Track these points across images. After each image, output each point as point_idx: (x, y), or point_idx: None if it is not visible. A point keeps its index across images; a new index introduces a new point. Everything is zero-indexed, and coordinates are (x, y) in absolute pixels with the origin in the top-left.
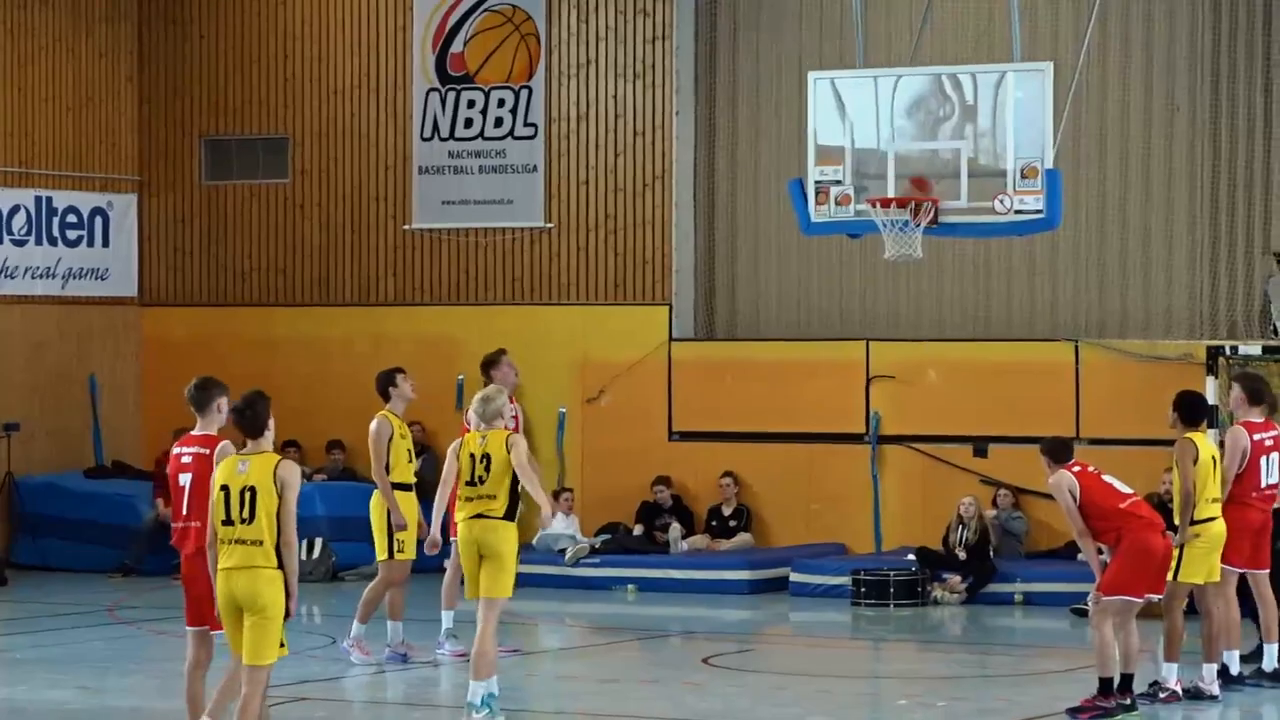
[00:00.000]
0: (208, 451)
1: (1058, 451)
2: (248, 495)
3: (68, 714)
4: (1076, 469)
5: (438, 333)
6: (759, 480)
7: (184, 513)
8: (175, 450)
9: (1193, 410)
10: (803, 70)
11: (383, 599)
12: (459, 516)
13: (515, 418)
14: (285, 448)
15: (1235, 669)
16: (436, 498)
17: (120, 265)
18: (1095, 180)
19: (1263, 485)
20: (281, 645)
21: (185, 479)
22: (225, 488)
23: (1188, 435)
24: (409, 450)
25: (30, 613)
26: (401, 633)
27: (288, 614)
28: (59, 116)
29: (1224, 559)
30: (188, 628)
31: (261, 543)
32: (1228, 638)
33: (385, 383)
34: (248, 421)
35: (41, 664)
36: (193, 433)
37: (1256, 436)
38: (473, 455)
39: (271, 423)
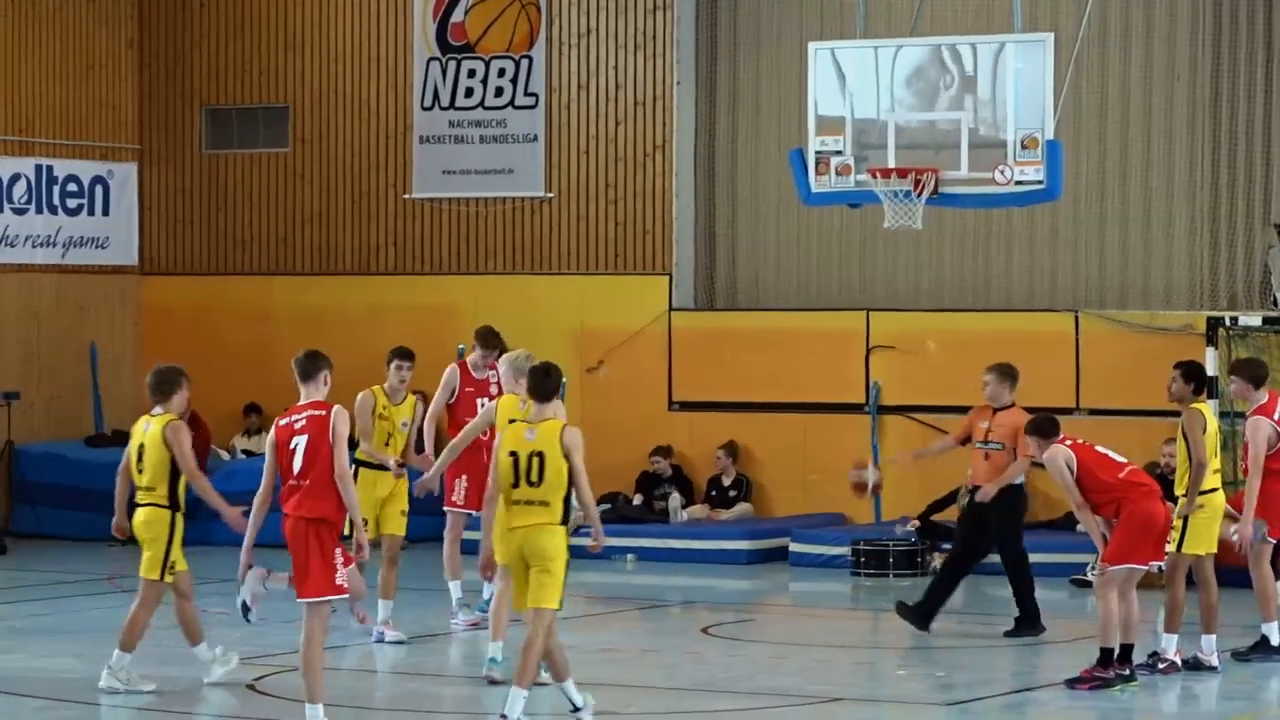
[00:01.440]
0: (323, 413)
1: (1046, 429)
2: (536, 460)
3: (66, 682)
4: (1069, 443)
5: (438, 302)
6: (759, 450)
7: (295, 473)
8: (283, 421)
9: (1201, 380)
10: (803, 40)
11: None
12: None
13: (497, 384)
14: None
15: (1276, 639)
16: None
17: (120, 234)
18: (1095, 151)
19: None
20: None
21: (297, 441)
22: (514, 454)
23: (1194, 405)
24: (389, 434)
25: (29, 581)
26: (387, 611)
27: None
28: (59, 85)
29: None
30: (302, 600)
31: (548, 503)
32: (1266, 609)
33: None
34: (543, 385)
35: (40, 633)
36: (300, 403)
37: (1275, 416)
38: (514, 420)
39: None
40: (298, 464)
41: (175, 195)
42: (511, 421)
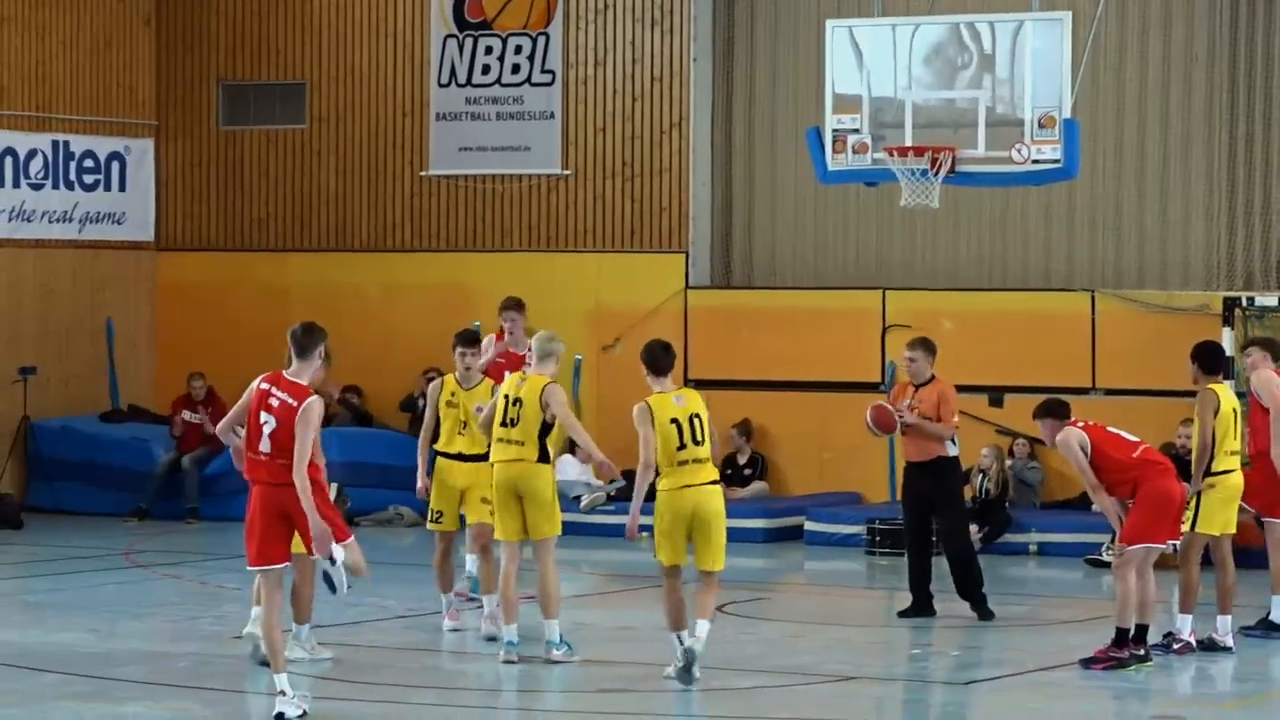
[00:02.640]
0: (295, 404)
1: (1058, 410)
2: (696, 422)
3: (81, 657)
4: (1081, 425)
5: (454, 279)
6: (774, 429)
7: (264, 450)
8: (264, 386)
9: (1212, 360)
10: (821, 18)
11: (446, 564)
12: (493, 459)
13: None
14: None
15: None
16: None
17: (137, 210)
18: (1113, 130)
19: None
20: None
21: (267, 420)
22: (675, 420)
23: (1209, 386)
24: (462, 420)
25: (45, 556)
26: (490, 605)
27: None
28: (77, 60)
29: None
30: (255, 567)
31: (709, 460)
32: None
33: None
34: (662, 361)
35: (56, 607)
36: (286, 375)
37: None
38: (507, 396)
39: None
40: (265, 443)
41: (192, 171)
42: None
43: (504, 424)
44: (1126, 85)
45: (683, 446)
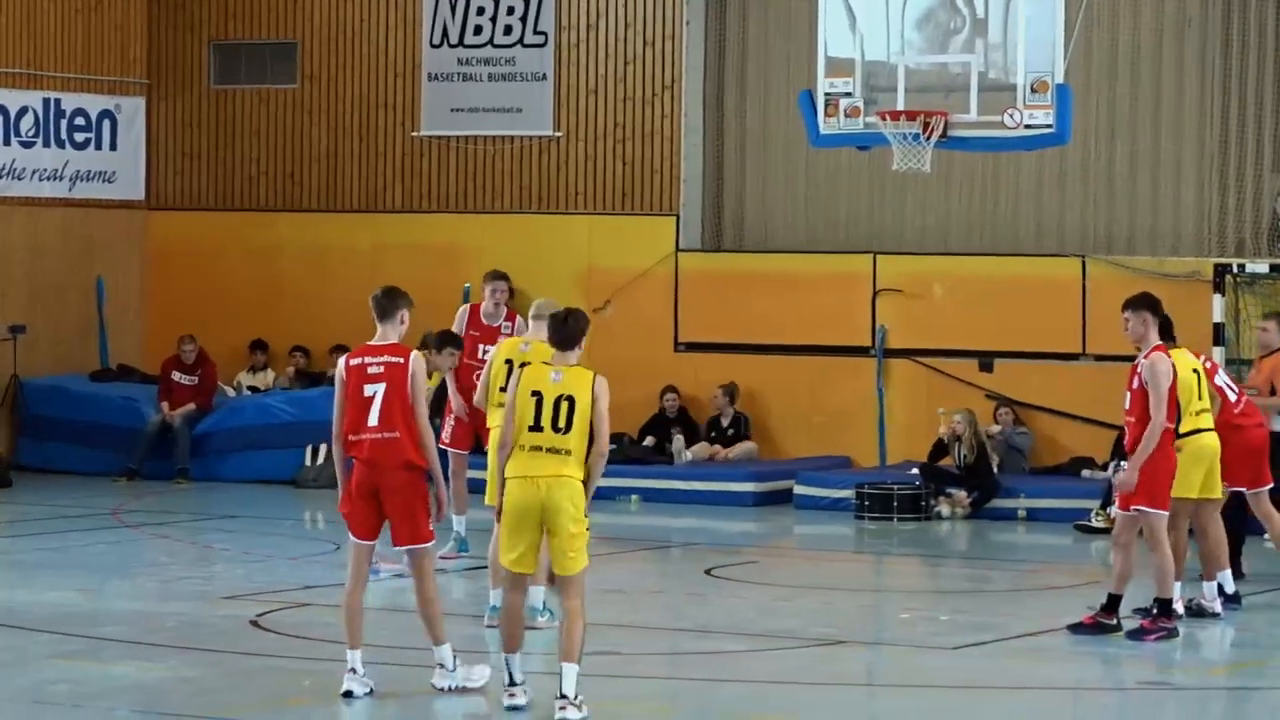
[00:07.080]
0: (402, 361)
1: (1155, 305)
2: (564, 405)
3: (68, 616)
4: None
5: (444, 240)
6: (765, 392)
7: (372, 424)
8: (354, 362)
9: (1166, 323)
10: None
11: None
12: (492, 424)
13: (508, 335)
14: (293, 353)
15: (1230, 588)
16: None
17: (127, 169)
18: (1105, 95)
19: None
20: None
21: (374, 389)
22: (537, 394)
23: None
24: None
25: (34, 515)
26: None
27: None
28: (68, 18)
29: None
30: (360, 540)
31: (571, 452)
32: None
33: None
34: (564, 335)
35: (44, 566)
36: (374, 342)
37: None
38: (509, 362)
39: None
40: (375, 415)
41: (183, 130)
42: (508, 361)
43: (505, 389)
44: (1119, 50)
45: (536, 428)
